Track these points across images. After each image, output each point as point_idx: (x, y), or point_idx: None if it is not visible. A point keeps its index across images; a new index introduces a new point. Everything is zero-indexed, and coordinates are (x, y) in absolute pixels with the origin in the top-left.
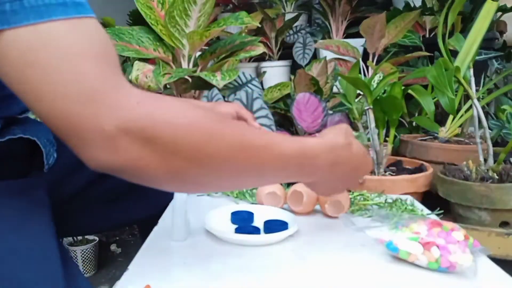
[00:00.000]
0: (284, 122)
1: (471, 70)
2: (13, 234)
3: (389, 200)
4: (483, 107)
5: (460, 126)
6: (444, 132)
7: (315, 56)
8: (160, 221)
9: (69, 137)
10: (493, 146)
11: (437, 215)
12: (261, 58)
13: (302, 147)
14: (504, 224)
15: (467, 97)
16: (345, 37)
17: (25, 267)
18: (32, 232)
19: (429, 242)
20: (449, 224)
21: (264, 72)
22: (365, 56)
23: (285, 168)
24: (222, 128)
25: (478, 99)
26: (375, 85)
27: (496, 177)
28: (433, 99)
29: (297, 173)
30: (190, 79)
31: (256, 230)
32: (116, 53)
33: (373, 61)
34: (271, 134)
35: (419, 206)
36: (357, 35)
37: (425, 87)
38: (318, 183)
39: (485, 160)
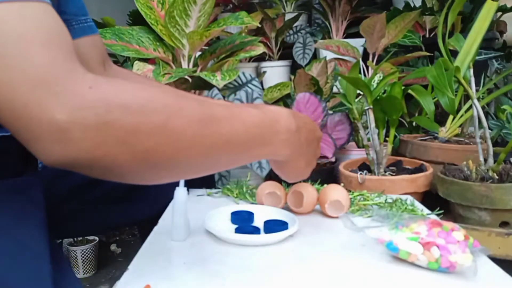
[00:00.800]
0: None
1: (471, 70)
2: (1, 233)
3: (389, 200)
4: (483, 107)
5: (460, 126)
6: (444, 132)
7: (315, 56)
8: (160, 221)
9: (18, 130)
10: (493, 146)
11: (437, 215)
12: (261, 58)
13: (261, 113)
14: (504, 224)
15: (467, 97)
16: (345, 37)
17: (11, 267)
18: (21, 232)
19: (429, 242)
20: (449, 224)
21: (264, 72)
22: (365, 56)
23: (249, 137)
24: (180, 104)
25: (478, 99)
26: (375, 85)
27: (496, 177)
28: (433, 99)
29: (264, 139)
30: (190, 79)
31: (256, 230)
32: (69, 38)
33: (373, 61)
34: (229, 104)
35: (419, 206)
36: (357, 35)
37: (425, 87)
38: (289, 160)
39: (485, 160)
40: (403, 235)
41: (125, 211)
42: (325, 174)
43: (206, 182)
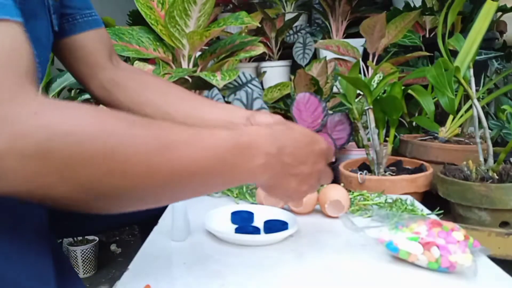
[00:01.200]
0: None
1: (471, 70)
2: (3, 234)
3: (389, 200)
4: (483, 107)
5: (460, 126)
6: (444, 132)
7: (315, 56)
8: (160, 221)
9: None
10: (493, 146)
11: (437, 215)
12: (261, 58)
13: (233, 134)
14: (504, 224)
15: (467, 97)
16: (345, 37)
17: (14, 268)
18: (23, 232)
19: (429, 242)
20: (449, 224)
21: (264, 72)
22: (365, 56)
23: (215, 164)
24: (131, 131)
25: (478, 99)
26: (375, 85)
27: (496, 177)
28: (433, 99)
29: (235, 166)
30: (190, 79)
31: (256, 230)
32: (29, 60)
33: (373, 61)
34: (194, 130)
35: (419, 206)
36: (357, 35)
37: (425, 87)
38: (274, 182)
39: (485, 160)
40: (403, 235)
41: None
42: None
43: None
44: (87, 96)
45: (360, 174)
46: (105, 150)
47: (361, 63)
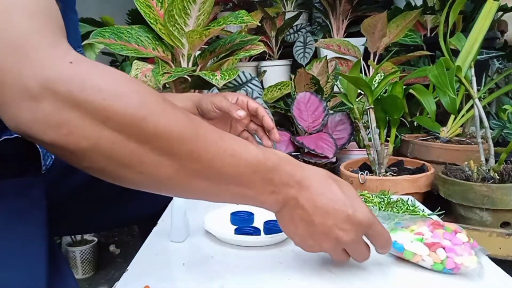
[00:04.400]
0: (285, 121)
1: (472, 70)
2: None
3: (390, 201)
4: (484, 107)
5: (461, 126)
6: (445, 132)
7: (315, 55)
8: (160, 221)
9: None
10: (495, 146)
11: (439, 215)
12: (261, 57)
13: (264, 156)
14: (505, 224)
15: (468, 96)
16: (346, 36)
17: (5, 268)
18: (18, 232)
19: (435, 244)
20: (451, 225)
21: (264, 71)
22: (366, 55)
23: (233, 172)
24: (164, 106)
25: (480, 98)
26: (376, 85)
27: (498, 177)
28: (434, 98)
29: (246, 181)
30: (189, 79)
31: (256, 231)
32: (59, 15)
33: (374, 60)
34: (228, 135)
35: (420, 206)
36: (358, 34)
37: (427, 86)
38: (283, 217)
39: (487, 160)
40: (405, 235)
41: (124, 209)
42: None
43: None
44: None
45: (361, 174)
46: (137, 115)
47: (362, 62)
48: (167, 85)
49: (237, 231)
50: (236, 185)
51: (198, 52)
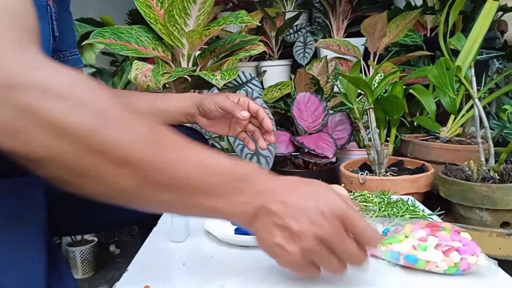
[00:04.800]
0: (285, 121)
1: (472, 70)
2: None
3: (390, 201)
4: (484, 107)
5: (461, 126)
6: (445, 132)
7: (315, 55)
8: (160, 222)
9: None
10: (494, 146)
11: (439, 215)
12: (261, 57)
13: (233, 165)
14: (505, 224)
15: (468, 96)
16: (346, 36)
17: (3, 268)
18: (16, 232)
19: (450, 248)
20: (447, 225)
21: (264, 71)
22: (366, 55)
23: (199, 181)
24: (126, 118)
25: (479, 98)
26: (376, 85)
27: (497, 177)
28: (434, 98)
29: (214, 190)
30: (189, 79)
31: None
32: (34, 23)
33: (374, 60)
34: (195, 144)
35: (420, 206)
36: (358, 34)
37: (426, 86)
38: (256, 229)
39: (487, 160)
40: (407, 243)
41: (124, 209)
42: (326, 174)
43: None
44: None
45: (361, 174)
46: (93, 126)
47: (362, 62)
48: (167, 85)
49: (237, 231)
50: (204, 197)
51: (198, 52)
